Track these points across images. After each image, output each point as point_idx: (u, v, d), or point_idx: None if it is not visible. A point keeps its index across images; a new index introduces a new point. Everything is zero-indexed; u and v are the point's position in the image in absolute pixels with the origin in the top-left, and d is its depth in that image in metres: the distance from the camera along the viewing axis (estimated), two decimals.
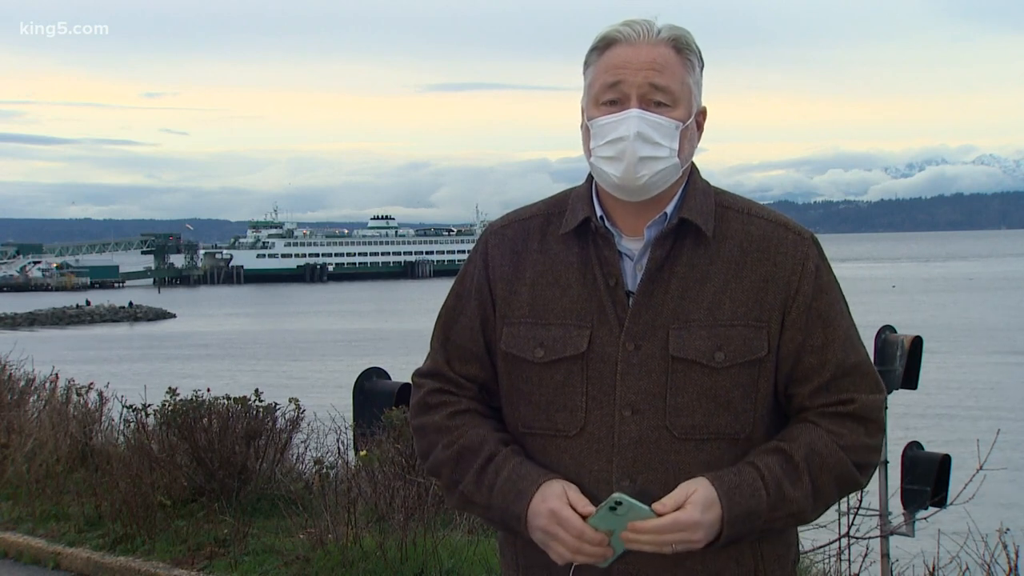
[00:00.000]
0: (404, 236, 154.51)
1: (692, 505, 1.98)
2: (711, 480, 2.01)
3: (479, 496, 2.13)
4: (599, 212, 2.14)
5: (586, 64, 2.15)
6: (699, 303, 2.07)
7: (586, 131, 2.14)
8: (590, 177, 2.19)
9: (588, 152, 2.13)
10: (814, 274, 2.10)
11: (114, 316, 79.56)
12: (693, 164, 2.19)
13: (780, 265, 2.09)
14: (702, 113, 2.17)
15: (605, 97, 2.09)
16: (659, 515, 1.98)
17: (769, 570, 2.13)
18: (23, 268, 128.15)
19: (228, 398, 7.56)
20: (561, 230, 2.16)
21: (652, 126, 2.06)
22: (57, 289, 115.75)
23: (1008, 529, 5.10)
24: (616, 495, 1.97)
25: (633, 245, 2.13)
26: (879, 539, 5.55)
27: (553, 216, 2.20)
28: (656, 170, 2.06)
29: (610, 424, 2.06)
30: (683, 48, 2.10)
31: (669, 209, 2.12)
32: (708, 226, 2.10)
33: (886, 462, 5.57)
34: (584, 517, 2.01)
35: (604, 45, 2.11)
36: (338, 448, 7.63)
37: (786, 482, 2.03)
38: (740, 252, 2.10)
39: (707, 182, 2.20)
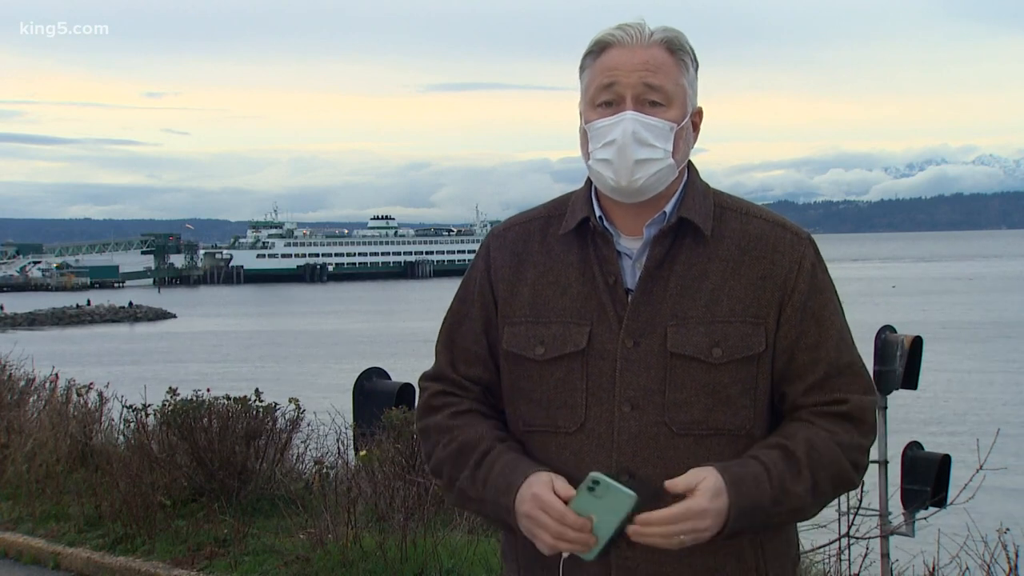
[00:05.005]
0: (404, 236, 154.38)
1: (701, 493, 1.97)
2: (719, 470, 2.01)
3: (474, 491, 2.15)
4: (598, 212, 2.17)
5: (581, 68, 2.18)
6: (697, 300, 2.09)
7: (584, 135, 2.17)
8: (589, 179, 2.21)
9: (586, 155, 2.16)
10: (810, 273, 2.13)
11: (114, 316, 79.49)
12: (692, 165, 2.22)
13: (777, 263, 2.11)
14: (698, 114, 2.19)
15: (600, 99, 2.12)
16: (669, 492, 1.98)
17: (770, 567, 2.13)
18: (23, 268, 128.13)
19: (228, 398, 7.56)
20: (561, 230, 2.19)
21: (646, 127, 2.08)
22: (57, 289, 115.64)
23: (1008, 529, 5.10)
24: (593, 474, 1.97)
25: (632, 244, 2.15)
26: (879, 539, 5.54)
27: (554, 218, 2.23)
28: (652, 172, 2.09)
29: (609, 420, 2.08)
30: (676, 49, 2.13)
31: (668, 208, 2.15)
32: (707, 225, 2.13)
33: (886, 462, 5.56)
34: (566, 502, 2.01)
35: (599, 49, 2.14)
36: (338, 448, 7.64)
37: (788, 477, 2.04)
38: (738, 251, 2.12)
39: (706, 183, 2.22)
